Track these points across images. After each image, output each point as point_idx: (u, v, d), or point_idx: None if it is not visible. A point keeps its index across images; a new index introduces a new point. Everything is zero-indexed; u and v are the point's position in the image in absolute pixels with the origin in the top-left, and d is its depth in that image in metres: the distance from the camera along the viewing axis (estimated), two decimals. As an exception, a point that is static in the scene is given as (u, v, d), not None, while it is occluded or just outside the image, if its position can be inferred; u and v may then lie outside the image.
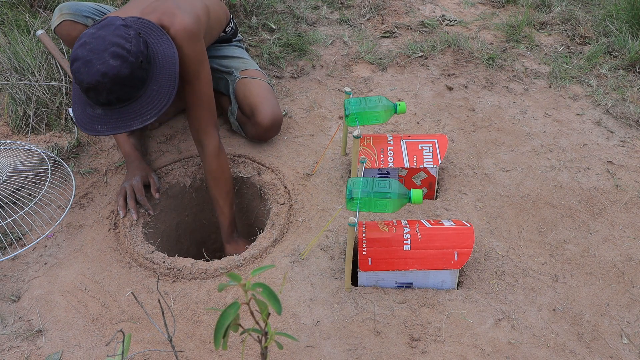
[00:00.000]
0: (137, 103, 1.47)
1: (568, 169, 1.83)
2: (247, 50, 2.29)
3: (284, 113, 2.08)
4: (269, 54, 2.36)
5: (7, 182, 1.73)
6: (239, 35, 2.16)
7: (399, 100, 2.15)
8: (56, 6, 2.67)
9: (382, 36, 2.56)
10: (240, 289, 1.15)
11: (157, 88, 1.48)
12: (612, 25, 2.48)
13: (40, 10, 2.65)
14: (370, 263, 1.41)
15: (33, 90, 2.07)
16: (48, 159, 1.81)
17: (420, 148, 1.70)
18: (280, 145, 1.94)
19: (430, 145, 1.71)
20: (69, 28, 1.82)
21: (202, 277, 1.51)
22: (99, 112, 1.46)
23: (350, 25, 2.63)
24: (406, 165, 1.68)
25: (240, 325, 0.88)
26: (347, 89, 1.74)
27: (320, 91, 2.21)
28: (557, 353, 1.33)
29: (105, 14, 1.88)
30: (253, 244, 1.62)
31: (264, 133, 1.90)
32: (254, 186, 1.84)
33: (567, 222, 1.66)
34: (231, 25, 2.04)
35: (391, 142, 1.72)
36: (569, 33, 2.55)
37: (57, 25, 1.83)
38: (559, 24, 2.62)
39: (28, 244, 1.62)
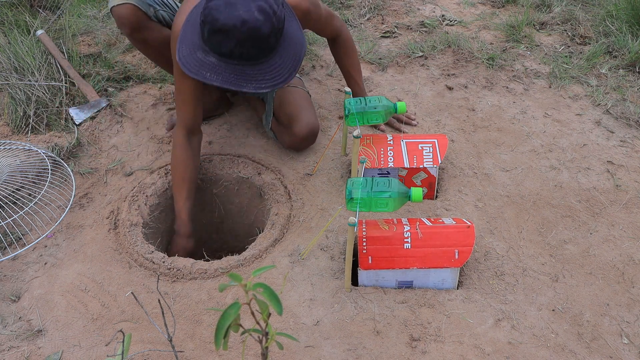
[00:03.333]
0: (256, 68, 1.39)
1: (568, 169, 1.84)
2: None
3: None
4: (269, 54, 2.36)
5: (7, 182, 1.73)
6: None
7: (399, 100, 2.15)
8: (56, 6, 2.68)
9: (382, 36, 2.56)
10: (241, 289, 1.15)
11: (280, 62, 1.42)
12: (612, 25, 2.48)
13: (40, 10, 2.65)
14: (370, 261, 1.41)
15: (33, 90, 2.07)
16: (48, 159, 1.81)
17: (420, 148, 1.70)
18: (280, 145, 1.94)
19: (430, 145, 1.71)
20: (130, 12, 1.73)
21: (202, 277, 1.51)
22: (212, 59, 1.38)
23: (350, 25, 2.63)
24: (406, 165, 1.68)
25: (240, 325, 0.88)
26: (347, 89, 1.74)
27: (320, 91, 2.21)
28: (557, 353, 1.33)
29: (166, 3, 1.83)
30: (253, 244, 1.62)
31: (299, 143, 1.86)
32: (254, 186, 1.84)
33: (567, 222, 1.66)
34: None
35: (391, 142, 1.73)
36: (569, 33, 2.55)
37: (119, 4, 1.73)
38: (559, 24, 2.62)
39: (28, 244, 1.61)
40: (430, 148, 1.70)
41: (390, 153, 1.70)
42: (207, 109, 1.99)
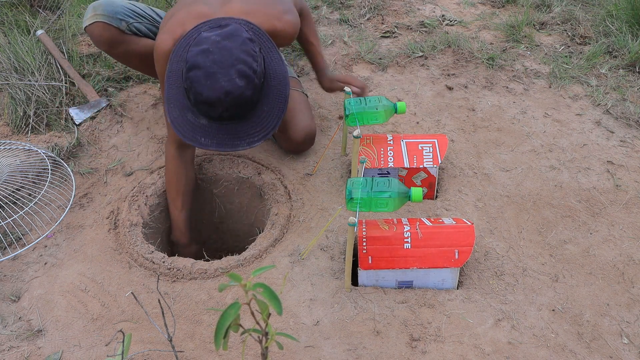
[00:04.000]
0: (246, 123, 1.40)
1: (568, 169, 1.83)
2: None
3: None
4: (269, 54, 2.36)
5: (7, 182, 1.73)
6: None
7: (399, 100, 2.15)
8: (56, 6, 2.68)
9: (382, 36, 2.56)
10: (241, 289, 1.15)
11: (267, 109, 1.42)
12: (612, 25, 2.48)
13: (40, 10, 2.65)
14: (370, 261, 1.41)
15: (33, 90, 2.07)
16: (48, 159, 1.81)
17: (420, 148, 1.70)
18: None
19: (430, 145, 1.71)
20: (101, 30, 1.77)
21: (202, 277, 1.51)
22: (203, 122, 1.38)
23: (350, 25, 2.63)
24: (406, 165, 1.68)
25: (240, 325, 0.88)
26: (347, 89, 1.74)
27: (321, 91, 2.21)
28: (557, 353, 1.33)
29: (140, 14, 1.84)
30: (253, 244, 1.62)
31: (296, 147, 1.85)
32: (254, 186, 1.84)
33: (567, 222, 1.66)
34: None
35: (391, 142, 1.73)
36: (569, 33, 2.55)
37: (89, 25, 1.78)
38: (559, 24, 2.62)
39: (28, 244, 1.61)
40: (430, 148, 1.70)
41: (390, 153, 1.70)
42: None
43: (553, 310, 1.42)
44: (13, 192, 1.74)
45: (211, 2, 1.57)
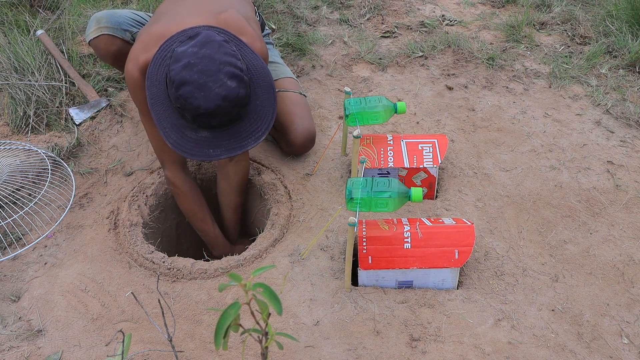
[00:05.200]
0: (246, 121, 1.39)
1: (568, 169, 1.84)
2: (274, 45, 2.16)
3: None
4: (269, 54, 2.36)
5: (7, 182, 1.73)
6: (267, 28, 2.04)
7: (399, 100, 2.15)
8: (56, 6, 2.68)
9: (382, 36, 2.56)
10: (241, 289, 1.15)
11: (260, 102, 1.41)
12: (612, 25, 2.48)
13: (40, 10, 2.65)
14: (370, 261, 1.41)
15: (33, 90, 2.07)
16: (48, 159, 1.81)
17: (420, 148, 1.70)
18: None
19: (430, 145, 1.71)
20: (107, 43, 1.74)
21: (202, 277, 1.51)
22: (204, 135, 1.36)
23: (350, 25, 2.63)
24: (406, 165, 1.68)
25: (240, 325, 0.88)
26: (347, 89, 1.74)
27: (320, 91, 2.21)
28: (557, 353, 1.33)
29: (142, 23, 1.82)
30: (253, 244, 1.62)
31: (297, 150, 1.84)
32: (254, 186, 1.84)
33: (567, 222, 1.66)
34: (257, 17, 1.91)
35: (391, 142, 1.73)
36: (569, 33, 2.55)
37: (94, 38, 1.75)
38: (559, 24, 2.62)
39: (28, 244, 1.61)
40: (430, 148, 1.70)
41: (390, 153, 1.70)
42: None
43: (553, 310, 1.42)
44: (13, 192, 1.74)
45: (177, 16, 1.54)
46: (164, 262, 1.54)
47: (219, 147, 1.37)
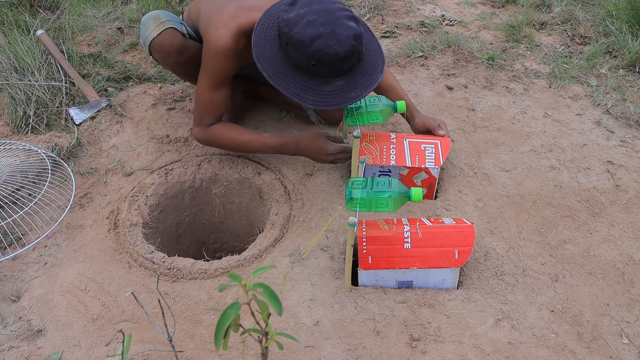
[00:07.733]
0: (365, 58, 1.48)
1: (568, 169, 1.84)
2: None
3: (283, 115, 2.08)
4: (269, 54, 2.36)
5: (7, 182, 1.73)
6: None
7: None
8: (56, 6, 2.68)
9: (382, 36, 2.56)
10: (241, 289, 1.15)
11: (365, 41, 1.49)
12: (612, 25, 2.48)
13: (40, 10, 2.65)
14: (370, 261, 1.41)
15: (33, 90, 2.07)
16: (48, 159, 1.81)
17: (422, 148, 1.70)
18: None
19: (433, 146, 1.71)
20: (172, 36, 1.67)
21: (202, 277, 1.51)
22: (338, 83, 1.44)
23: (350, 25, 2.63)
24: (408, 164, 1.68)
25: (240, 325, 0.88)
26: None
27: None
28: (557, 353, 1.33)
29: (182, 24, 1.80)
30: (253, 244, 1.62)
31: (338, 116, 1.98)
32: (253, 186, 1.84)
33: (567, 222, 1.66)
34: None
35: (394, 140, 1.73)
36: (569, 33, 2.55)
37: (159, 34, 1.65)
38: (559, 24, 2.62)
39: (28, 244, 1.61)
40: (433, 149, 1.70)
41: (392, 151, 1.70)
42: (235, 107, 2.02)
43: (553, 310, 1.42)
44: (13, 192, 1.74)
45: None
46: (164, 262, 1.54)
47: (356, 88, 1.46)
